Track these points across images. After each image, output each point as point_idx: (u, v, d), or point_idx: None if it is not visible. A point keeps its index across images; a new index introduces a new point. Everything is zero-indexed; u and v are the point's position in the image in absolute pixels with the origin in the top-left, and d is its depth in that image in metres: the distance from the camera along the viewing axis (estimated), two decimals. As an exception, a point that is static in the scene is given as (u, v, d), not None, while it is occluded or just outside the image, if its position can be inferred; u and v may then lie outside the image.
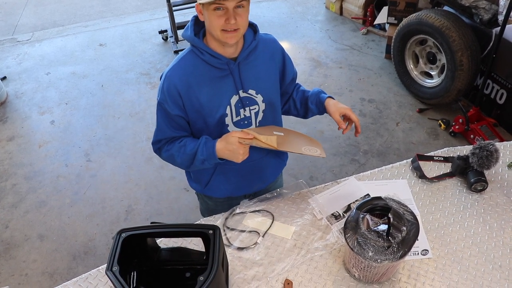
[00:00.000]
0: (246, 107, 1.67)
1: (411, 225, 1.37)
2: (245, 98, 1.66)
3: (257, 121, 1.73)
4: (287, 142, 1.68)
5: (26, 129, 4.22)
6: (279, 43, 1.76)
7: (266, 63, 1.69)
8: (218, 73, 1.59)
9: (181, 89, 1.57)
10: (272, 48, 1.72)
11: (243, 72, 1.62)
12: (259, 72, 1.67)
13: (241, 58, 1.59)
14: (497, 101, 3.64)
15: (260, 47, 1.66)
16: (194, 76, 1.58)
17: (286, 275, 1.54)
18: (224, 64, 1.57)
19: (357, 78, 4.59)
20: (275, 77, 1.74)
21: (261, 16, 6.06)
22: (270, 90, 1.73)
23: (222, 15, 1.42)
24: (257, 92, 1.67)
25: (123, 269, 1.29)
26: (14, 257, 2.98)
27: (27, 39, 5.97)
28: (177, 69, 1.59)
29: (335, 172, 3.45)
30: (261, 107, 1.71)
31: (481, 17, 3.53)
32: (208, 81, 1.59)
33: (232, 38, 1.47)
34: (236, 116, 1.68)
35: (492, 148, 1.77)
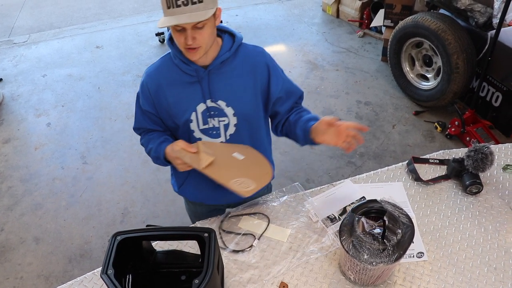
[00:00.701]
0: (214, 117, 1.65)
1: (406, 227, 1.37)
2: (213, 108, 1.63)
3: (227, 134, 1.69)
4: (224, 168, 1.64)
5: (22, 131, 4.21)
6: (268, 56, 1.68)
7: (244, 76, 1.62)
8: (187, 79, 1.61)
9: (151, 88, 1.65)
10: (255, 61, 1.64)
11: (213, 81, 1.60)
12: (233, 84, 1.62)
13: (212, 67, 1.58)
14: (492, 104, 3.65)
15: (239, 58, 1.61)
16: (165, 77, 1.63)
17: (281, 278, 1.54)
18: (193, 70, 1.58)
19: (353, 81, 4.60)
20: (253, 92, 1.65)
21: (258, 19, 6.07)
22: (245, 105, 1.65)
23: (182, 34, 1.44)
24: (227, 104, 1.63)
25: (118, 272, 1.28)
26: (9, 260, 2.97)
27: (23, 41, 5.96)
28: (153, 69, 1.67)
29: (332, 175, 3.46)
30: (232, 120, 1.66)
31: (477, 20, 3.55)
32: (177, 85, 1.62)
33: (194, 55, 1.49)
34: (203, 124, 1.67)
35: (487, 150, 1.78)
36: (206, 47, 1.49)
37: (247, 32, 5.66)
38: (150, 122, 1.75)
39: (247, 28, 5.80)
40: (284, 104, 1.74)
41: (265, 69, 1.64)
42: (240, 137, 1.71)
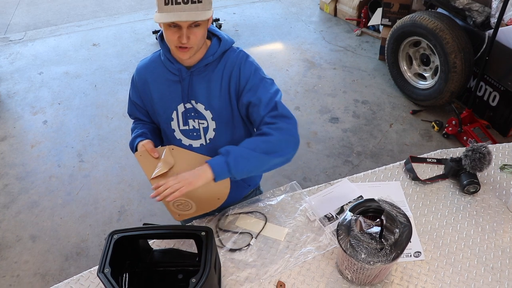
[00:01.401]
0: (194, 119, 1.65)
1: (404, 227, 1.37)
2: (192, 110, 1.63)
3: (206, 137, 1.68)
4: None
5: (19, 129, 4.19)
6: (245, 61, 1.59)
7: (222, 81, 1.59)
8: (171, 77, 1.62)
9: (139, 83, 1.70)
10: (233, 65, 1.58)
11: (194, 83, 1.59)
12: (213, 89, 1.59)
13: (195, 68, 1.57)
14: (490, 103, 3.66)
15: (223, 63, 1.59)
16: (152, 73, 1.66)
17: (278, 277, 1.54)
18: (176, 69, 1.59)
19: (351, 80, 4.60)
20: (230, 97, 1.60)
21: (256, 17, 6.06)
22: (223, 110, 1.62)
23: (175, 32, 1.43)
24: (206, 108, 1.62)
25: (115, 271, 1.28)
26: (6, 258, 2.96)
27: (19, 39, 5.93)
28: (142, 64, 1.71)
29: (329, 173, 3.46)
30: (210, 124, 1.64)
31: (475, 20, 3.55)
32: (162, 82, 1.64)
33: (185, 55, 1.48)
34: (183, 125, 1.67)
35: (485, 150, 1.78)
36: (197, 48, 1.49)
37: (245, 30, 5.65)
38: (138, 112, 1.81)
39: (244, 26, 5.79)
40: (255, 113, 1.56)
41: (237, 71, 1.57)
42: (220, 142, 1.69)
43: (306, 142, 3.78)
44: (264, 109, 1.53)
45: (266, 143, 1.48)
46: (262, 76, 1.59)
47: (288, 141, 1.52)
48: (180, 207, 1.63)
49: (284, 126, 1.51)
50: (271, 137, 1.48)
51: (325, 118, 4.06)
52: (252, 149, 1.47)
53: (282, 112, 1.53)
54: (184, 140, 1.71)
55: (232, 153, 1.46)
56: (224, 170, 1.45)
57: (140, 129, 1.78)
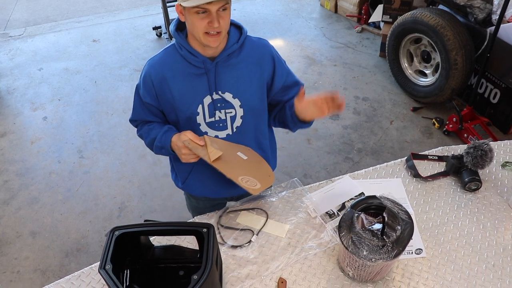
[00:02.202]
0: (221, 110, 1.65)
1: (406, 224, 1.37)
2: (219, 100, 1.63)
3: (233, 126, 1.69)
4: (231, 164, 1.62)
5: (18, 125, 4.19)
6: (272, 48, 1.68)
7: (250, 68, 1.62)
8: (194, 71, 1.59)
9: (155, 80, 1.61)
10: (261, 53, 1.64)
11: (220, 73, 1.59)
12: (240, 76, 1.61)
13: (220, 59, 1.57)
14: (490, 101, 3.66)
15: (246, 50, 1.61)
16: (170, 69, 1.60)
17: (280, 274, 1.54)
18: (200, 62, 1.57)
19: (351, 76, 4.59)
20: (260, 83, 1.65)
21: (256, 13, 6.05)
22: (251, 96, 1.65)
23: (205, 18, 1.42)
24: (234, 96, 1.62)
25: (116, 267, 1.27)
26: (6, 254, 2.96)
27: (19, 34, 5.92)
28: (157, 60, 1.63)
29: (329, 170, 3.45)
30: (238, 112, 1.66)
31: (476, 16, 3.54)
32: (183, 77, 1.60)
33: (215, 42, 1.47)
34: (210, 117, 1.65)
35: (487, 147, 1.77)
36: (225, 32, 1.50)
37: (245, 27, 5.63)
38: (149, 114, 1.73)
39: (244, 22, 5.76)
40: (288, 94, 1.75)
41: (270, 61, 1.65)
42: (246, 129, 1.71)
43: (306, 139, 3.78)
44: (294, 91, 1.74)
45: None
46: (284, 61, 1.74)
47: None
48: (248, 183, 1.62)
49: None
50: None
51: (326, 115, 4.05)
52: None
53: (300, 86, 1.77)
54: (210, 132, 1.69)
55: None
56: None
57: (163, 126, 1.72)
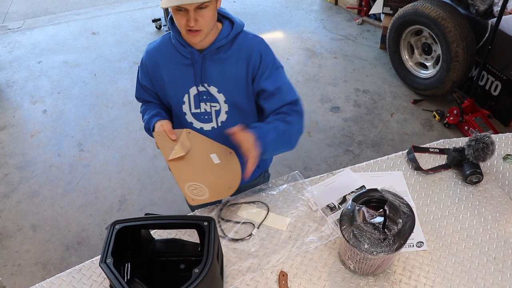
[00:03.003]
0: (206, 102, 1.65)
1: (407, 217, 1.37)
2: (204, 93, 1.63)
3: (218, 121, 1.69)
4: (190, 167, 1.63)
5: (18, 118, 4.18)
6: (265, 47, 1.62)
7: (238, 64, 1.59)
8: (182, 60, 1.61)
9: (149, 66, 1.68)
10: (250, 49, 1.59)
11: (207, 66, 1.59)
12: (227, 72, 1.60)
13: (208, 51, 1.57)
14: (491, 93, 3.64)
15: (236, 46, 1.59)
16: (163, 56, 1.65)
17: (281, 267, 1.54)
18: (188, 53, 1.59)
19: (351, 69, 4.57)
20: (246, 81, 1.62)
21: (256, 5, 6.02)
22: (237, 93, 1.63)
23: (184, 15, 1.42)
24: (219, 90, 1.62)
25: (117, 260, 1.27)
26: (7, 248, 2.96)
27: (18, 27, 5.89)
28: (153, 47, 1.69)
29: (329, 163, 3.45)
30: (223, 107, 1.66)
31: (477, 8, 3.52)
32: (173, 65, 1.63)
33: (195, 38, 1.48)
34: (195, 108, 1.68)
35: (488, 140, 1.77)
36: (207, 30, 1.48)
37: (245, 19, 5.54)
38: (147, 95, 1.80)
39: (244, 14, 5.75)
40: (271, 102, 1.63)
41: (257, 56, 1.59)
42: (231, 125, 1.65)
43: (307, 132, 3.77)
44: (283, 100, 1.62)
45: (288, 132, 1.60)
46: (279, 65, 1.66)
47: (299, 137, 1.67)
48: (194, 192, 1.63)
49: (299, 121, 1.66)
50: (292, 128, 1.61)
51: (326, 107, 4.05)
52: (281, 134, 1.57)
53: (300, 109, 1.66)
54: (195, 123, 1.72)
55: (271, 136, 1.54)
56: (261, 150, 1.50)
57: (155, 109, 1.78)
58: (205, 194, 1.64)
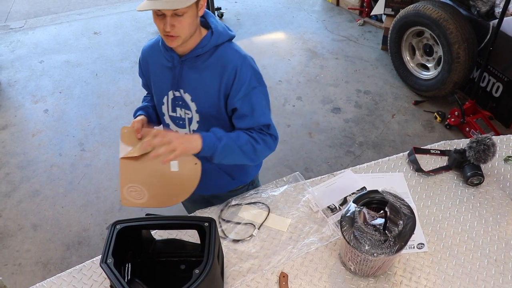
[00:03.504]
0: (181, 108, 1.66)
1: (408, 219, 1.37)
2: (179, 98, 1.64)
3: (190, 129, 1.69)
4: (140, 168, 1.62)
5: (20, 117, 4.18)
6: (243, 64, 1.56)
7: (213, 76, 1.56)
8: (165, 63, 1.63)
9: (142, 63, 1.76)
10: (227, 64, 1.54)
11: (185, 72, 1.59)
12: (202, 82, 1.58)
13: (186, 58, 1.57)
14: (493, 94, 3.64)
15: (215, 58, 1.56)
16: (152, 56, 1.70)
17: (281, 268, 1.54)
18: (169, 56, 1.60)
19: (353, 70, 4.57)
20: (218, 94, 1.57)
21: (257, 6, 6.02)
22: (208, 105, 1.60)
23: (162, 20, 1.43)
24: (192, 99, 1.61)
25: (117, 261, 1.28)
26: (7, 247, 2.96)
27: (20, 27, 5.89)
28: (147, 46, 1.75)
29: (330, 164, 3.45)
30: (194, 116, 1.64)
31: (479, 9, 3.52)
32: (159, 66, 1.67)
33: (172, 43, 1.48)
34: (172, 111, 1.70)
35: (489, 142, 1.76)
36: (185, 37, 1.47)
37: (246, 19, 5.61)
38: (146, 88, 1.88)
39: (246, 15, 5.75)
40: (243, 122, 1.60)
41: (232, 73, 1.54)
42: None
43: (308, 132, 3.77)
44: (255, 123, 1.59)
45: (251, 147, 1.57)
46: (255, 84, 1.58)
47: (265, 155, 1.66)
48: (132, 194, 1.62)
49: (269, 141, 1.62)
50: (258, 146, 1.58)
51: (327, 108, 4.05)
52: (239, 146, 1.54)
53: (272, 132, 1.64)
54: (171, 126, 1.74)
55: (224, 141, 1.51)
56: (210, 151, 1.50)
57: (146, 103, 1.86)
58: (143, 198, 1.63)
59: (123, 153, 1.61)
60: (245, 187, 1.94)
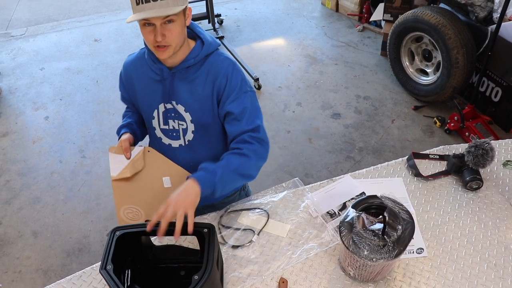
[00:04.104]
0: (174, 120, 1.66)
1: (407, 223, 1.37)
2: (172, 110, 1.64)
3: (185, 139, 1.70)
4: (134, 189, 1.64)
5: (20, 125, 4.19)
6: (233, 70, 1.59)
7: (206, 85, 1.58)
8: (153, 76, 1.62)
9: (124, 79, 1.74)
10: (218, 71, 1.57)
11: (176, 84, 1.60)
12: (195, 92, 1.59)
13: (177, 70, 1.57)
14: (492, 99, 3.65)
15: (206, 67, 1.58)
16: (137, 71, 1.68)
17: (281, 274, 1.54)
18: (158, 69, 1.59)
19: (352, 75, 4.59)
20: (212, 102, 1.60)
21: (257, 12, 6.04)
22: (202, 114, 1.62)
23: (151, 31, 1.42)
24: (186, 109, 1.62)
25: (117, 267, 1.28)
26: (8, 254, 2.96)
27: (21, 34, 5.92)
28: (129, 60, 1.72)
29: (331, 169, 3.45)
30: (189, 126, 1.66)
31: (477, 15, 3.53)
32: (145, 80, 1.65)
33: (163, 54, 1.48)
34: (164, 124, 1.69)
35: (488, 146, 1.77)
36: (175, 46, 1.47)
37: (246, 26, 5.64)
38: (127, 103, 1.87)
39: (246, 21, 5.77)
40: (234, 126, 1.60)
41: (223, 78, 1.57)
42: (198, 144, 1.71)
43: (308, 138, 3.77)
44: (245, 126, 1.58)
45: (245, 166, 1.56)
46: (247, 89, 1.61)
47: (260, 166, 1.63)
48: (129, 215, 1.65)
49: (260, 150, 1.60)
50: (249, 160, 1.56)
51: (327, 114, 4.06)
52: (233, 170, 1.54)
53: (262, 136, 1.61)
54: (164, 139, 1.73)
55: (218, 173, 1.50)
56: (210, 189, 1.48)
57: (129, 118, 1.84)
58: (140, 218, 1.65)
59: (115, 174, 1.63)
60: (237, 193, 1.97)
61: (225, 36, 5.20)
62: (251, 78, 4.40)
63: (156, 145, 1.77)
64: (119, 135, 1.77)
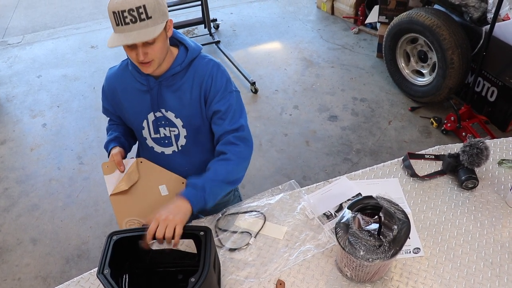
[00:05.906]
0: (165, 127, 1.68)
1: (402, 223, 1.38)
2: (162, 118, 1.66)
3: (178, 145, 1.72)
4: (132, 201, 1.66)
5: (18, 132, 4.20)
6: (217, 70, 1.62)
7: (193, 89, 1.61)
8: (139, 87, 1.63)
9: (108, 91, 1.75)
10: (203, 73, 1.61)
11: (163, 92, 1.61)
12: (183, 97, 1.61)
13: (163, 78, 1.59)
14: (488, 99, 3.66)
15: (191, 71, 1.61)
16: (121, 83, 1.69)
17: (278, 276, 1.54)
18: (144, 79, 1.61)
19: (349, 78, 4.60)
20: (200, 105, 1.63)
21: (253, 17, 6.06)
22: (194, 117, 1.65)
23: (133, 50, 1.45)
24: (176, 116, 1.64)
25: (114, 272, 1.28)
26: (7, 262, 2.96)
27: (17, 42, 5.93)
28: (111, 73, 1.75)
29: (328, 172, 3.46)
30: (181, 132, 1.68)
31: (471, 15, 3.55)
32: (131, 91, 1.66)
33: (148, 69, 1.50)
34: (154, 133, 1.70)
35: (482, 145, 1.78)
36: (159, 60, 1.50)
37: (242, 30, 5.65)
38: (111, 115, 1.88)
39: (242, 26, 5.79)
40: (219, 125, 1.64)
41: (209, 80, 1.60)
42: (191, 148, 1.73)
43: (305, 141, 3.78)
44: (229, 125, 1.62)
45: (231, 173, 1.60)
46: (232, 89, 1.65)
47: (246, 166, 1.67)
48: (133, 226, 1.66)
49: (245, 152, 1.65)
50: (235, 165, 1.60)
51: (324, 116, 4.07)
52: (221, 181, 1.58)
53: (246, 135, 1.65)
54: (156, 148, 1.75)
55: (207, 187, 1.53)
56: (201, 205, 1.51)
57: (114, 132, 1.84)
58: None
59: (111, 189, 1.63)
60: (232, 193, 2.00)
61: (222, 40, 5.22)
62: (247, 82, 4.41)
63: (148, 155, 1.78)
64: (108, 150, 1.78)
